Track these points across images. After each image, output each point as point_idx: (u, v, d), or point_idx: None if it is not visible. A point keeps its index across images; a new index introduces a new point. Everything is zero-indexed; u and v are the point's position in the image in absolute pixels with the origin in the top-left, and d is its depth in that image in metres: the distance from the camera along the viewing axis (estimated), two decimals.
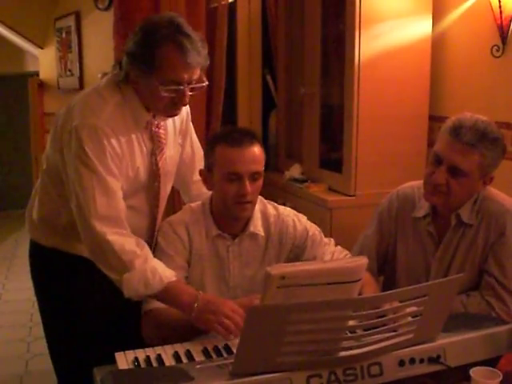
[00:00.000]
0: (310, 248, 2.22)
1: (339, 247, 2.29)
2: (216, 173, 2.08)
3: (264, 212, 2.22)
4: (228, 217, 2.13)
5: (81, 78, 5.47)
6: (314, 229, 2.26)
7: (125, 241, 1.95)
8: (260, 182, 2.10)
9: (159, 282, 1.92)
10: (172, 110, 2.07)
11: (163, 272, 1.95)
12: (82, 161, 1.95)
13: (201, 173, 2.19)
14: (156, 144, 2.15)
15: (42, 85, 6.82)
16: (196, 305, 1.89)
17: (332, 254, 2.23)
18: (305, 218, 2.28)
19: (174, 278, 1.96)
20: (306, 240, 2.22)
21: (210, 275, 2.15)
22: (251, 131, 2.16)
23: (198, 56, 1.98)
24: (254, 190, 2.06)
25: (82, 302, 2.23)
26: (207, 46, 2.05)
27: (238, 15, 3.79)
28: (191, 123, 2.42)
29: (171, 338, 1.88)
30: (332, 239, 2.31)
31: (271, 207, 2.24)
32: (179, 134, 2.33)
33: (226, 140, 2.06)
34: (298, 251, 2.23)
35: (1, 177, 8.18)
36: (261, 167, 2.09)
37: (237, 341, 1.57)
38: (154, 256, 2.03)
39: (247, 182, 2.03)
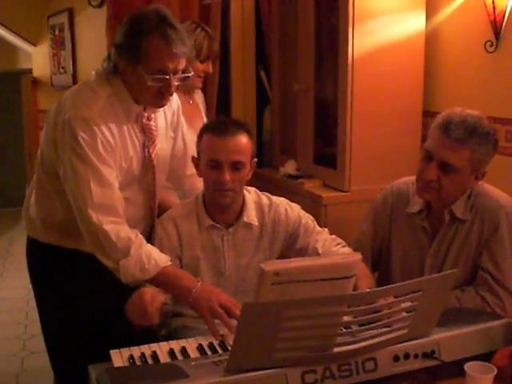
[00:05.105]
0: (303, 236, 2.24)
1: (333, 236, 2.30)
2: (201, 160, 2.16)
3: (258, 202, 2.25)
4: (217, 206, 2.17)
5: (74, 76, 5.46)
6: (306, 217, 2.29)
7: (120, 228, 1.99)
8: (243, 172, 2.13)
9: (154, 267, 1.97)
10: (159, 101, 2.10)
11: (158, 256, 2.00)
12: (75, 152, 1.97)
13: (193, 159, 2.24)
14: (147, 136, 2.18)
15: (35, 82, 6.81)
16: (194, 290, 1.93)
17: (324, 242, 2.24)
18: (298, 206, 2.31)
19: (170, 263, 2.02)
20: (299, 228, 2.25)
21: (206, 265, 2.18)
22: (240, 122, 2.21)
23: (183, 46, 2.01)
24: (235, 179, 2.10)
25: (80, 298, 2.24)
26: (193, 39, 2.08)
27: (231, 11, 3.79)
28: (183, 117, 2.43)
29: None
30: (326, 229, 2.32)
31: (265, 197, 2.28)
32: (170, 127, 2.35)
33: (212, 128, 2.14)
34: (291, 240, 2.26)
35: None
36: (244, 157, 2.12)
37: (231, 337, 1.58)
38: None
39: (226, 171, 2.08)
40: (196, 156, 2.22)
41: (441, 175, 2.09)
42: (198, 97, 3.12)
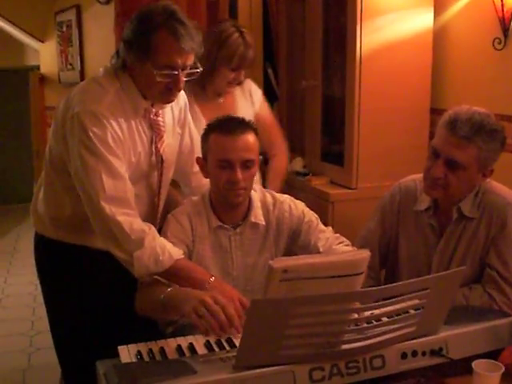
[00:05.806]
0: (306, 233, 2.23)
1: (336, 235, 2.28)
2: (210, 160, 2.14)
3: (263, 201, 2.25)
4: (226, 205, 2.17)
5: (82, 72, 5.48)
6: (310, 214, 2.27)
7: (133, 220, 1.99)
8: (253, 170, 2.13)
9: (169, 259, 1.97)
10: (167, 96, 2.10)
11: (172, 249, 2.00)
12: (85, 145, 1.98)
13: (198, 160, 2.23)
14: (155, 131, 2.18)
15: (42, 79, 6.83)
16: (208, 284, 1.95)
17: (326, 240, 2.22)
18: (302, 204, 2.30)
19: (182, 256, 2.02)
20: (302, 224, 2.24)
21: (214, 266, 2.17)
22: (245, 120, 2.19)
23: (192, 41, 2.01)
24: (246, 178, 2.10)
25: (87, 294, 2.25)
26: (202, 34, 2.08)
27: (239, 8, 3.79)
28: (190, 115, 2.43)
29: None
30: (330, 227, 2.31)
31: (269, 195, 2.28)
32: (178, 124, 2.35)
33: (219, 128, 2.12)
34: (294, 236, 2.25)
35: (2, 171, 8.19)
36: (253, 155, 2.12)
37: (240, 334, 1.58)
38: None
39: (238, 170, 2.08)
40: (201, 157, 2.21)
41: (448, 173, 2.08)
42: (245, 87, 2.95)
